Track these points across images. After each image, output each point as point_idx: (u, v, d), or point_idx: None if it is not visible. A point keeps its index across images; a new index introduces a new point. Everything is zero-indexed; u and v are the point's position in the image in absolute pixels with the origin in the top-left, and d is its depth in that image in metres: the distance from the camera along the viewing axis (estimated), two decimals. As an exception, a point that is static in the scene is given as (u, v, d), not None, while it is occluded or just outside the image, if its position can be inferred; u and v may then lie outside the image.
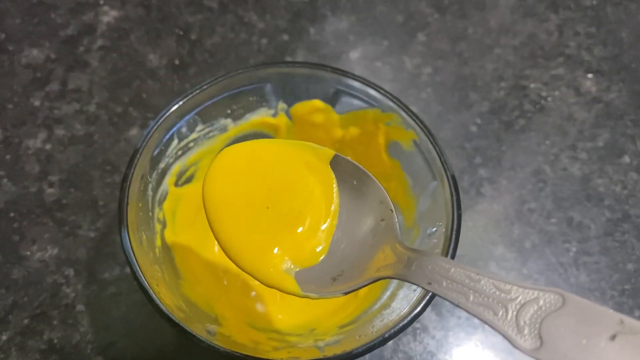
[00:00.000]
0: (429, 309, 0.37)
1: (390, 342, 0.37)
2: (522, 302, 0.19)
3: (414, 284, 0.23)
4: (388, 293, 0.33)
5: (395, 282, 0.33)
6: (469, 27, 0.50)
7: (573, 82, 0.48)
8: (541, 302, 0.18)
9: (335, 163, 0.28)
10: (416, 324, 0.37)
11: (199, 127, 0.35)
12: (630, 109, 0.46)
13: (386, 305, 0.32)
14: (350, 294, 0.34)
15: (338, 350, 0.28)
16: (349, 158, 0.28)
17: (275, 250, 0.27)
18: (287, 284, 0.26)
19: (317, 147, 0.29)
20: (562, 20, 0.51)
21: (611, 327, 0.16)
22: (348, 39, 0.48)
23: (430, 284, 0.22)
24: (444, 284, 0.22)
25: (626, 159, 0.44)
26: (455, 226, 0.30)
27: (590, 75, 0.48)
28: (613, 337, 0.16)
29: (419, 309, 0.28)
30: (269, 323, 0.35)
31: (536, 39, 0.49)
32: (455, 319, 0.38)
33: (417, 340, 0.37)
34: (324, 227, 0.28)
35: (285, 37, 0.48)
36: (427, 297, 0.28)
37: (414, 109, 0.45)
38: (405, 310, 0.29)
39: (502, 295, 0.19)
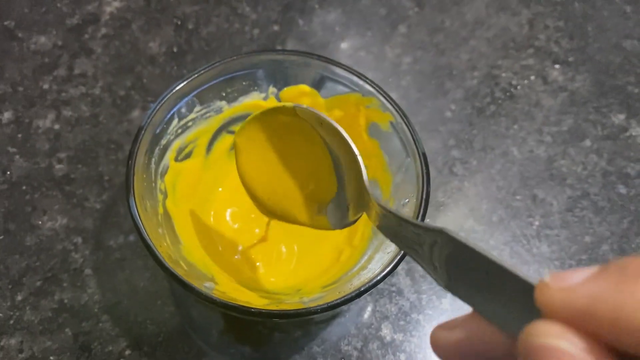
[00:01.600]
0: (403, 274, 0.42)
1: (370, 305, 0.41)
2: (430, 243, 0.20)
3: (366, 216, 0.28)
4: (366, 257, 0.37)
5: (373, 247, 0.38)
6: (447, 20, 0.53)
7: (541, 72, 0.52)
8: (439, 242, 0.20)
9: (302, 112, 0.32)
10: (392, 288, 0.41)
11: (197, 108, 0.38)
12: (593, 97, 0.51)
13: (363, 267, 0.36)
14: (332, 259, 0.38)
15: (320, 302, 0.32)
16: (321, 115, 0.32)
17: (308, 201, 0.34)
18: (322, 223, 0.33)
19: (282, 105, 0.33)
20: (533, 15, 0.55)
21: (483, 268, 0.18)
22: (334, 30, 0.52)
23: (376, 224, 0.27)
24: (383, 225, 0.26)
25: (587, 142, 0.48)
26: (424, 196, 0.34)
27: (557, 66, 0.52)
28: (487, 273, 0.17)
29: (389, 268, 0.32)
30: (260, 284, 0.39)
31: (508, 31, 0.53)
32: (427, 283, 0.42)
33: (393, 302, 0.41)
34: (328, 173, 0.33)
35: (276, 27, 0.52)
36: (397, 258, 0.33)
37: (394, 95, 0.49)
38: (379, 269, 0.33)
39: (418, 238, 0.21)
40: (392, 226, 0.25)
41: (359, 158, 0.30)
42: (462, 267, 0.19)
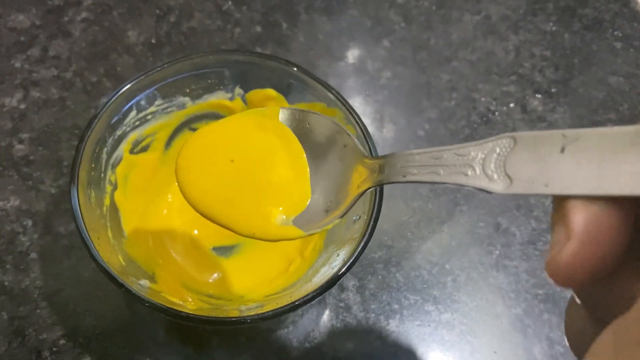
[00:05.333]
0: (354, 290, 0.41)
1: (315, 318, 0.40)
2: (482, 157, 0.21)
3: (392, 182, 0.26)
4: (311, 271, 0.36)
5: (321, 260, 0.37)
6: (432, 38, 0.53)
7: (522, 100, 0.51)
8: (497, 150, 0.20)
9: (284, 116, 0.31)
10: (341, 303, 0.41)
11: (158, 102, 0.38)
12: (570, 131, 0.50)
13: (308, 280, 0.35)
14: (281, 269, 0.38)
15: (252, 312, 0.31)
16: (292, 107, 0.31)
17: (268, 211, 0.30)
18: (290, 232, 0.29)
19: (264, 110, 0.32)
20: (521, 42, 0.54)
21: (558, 143, 0.18)
22: (317, 37, 0.52)
23: (405, 176, 0.25)
24: (415, 171, 0.24)
25: (559, 175, 0.48)
26: (374, 214, 0.34)
27: (538, 96, 0.51)
28: (562, 150, 0.18)
29: (333, 279, 0.32)
30: (202, 287, 0.38)
31: (493, 56, 0.53)
32: (377, 302, 0.41)
33: (339, 318, 0.40)
34: (299, 175, 0.31)
35: (259, 28, 0.51)
36: (339, 274, 0.32)
37: (369, 108, 0.48)
38: (322, 282, 0.32)
39: (464, 158, 0.21)
40: (427, 164, 0.24)
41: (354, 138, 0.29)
42: (526, 160, 0.19)
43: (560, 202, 0.18)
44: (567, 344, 0.21)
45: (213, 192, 0.30)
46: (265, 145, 0.31)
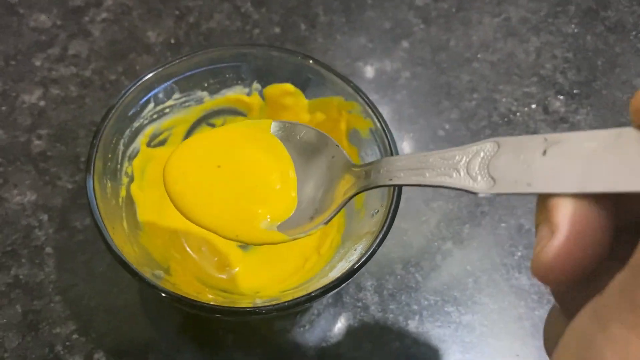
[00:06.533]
0: (372, 290, 0.40)
1: (332, 318, 0.39)
2: (467, 160, 0.21)
3: (378, 186, 0.27)
4: (328, 266, 0.36)
5: (338, 255, 0.36)
6: (452, 40, 0.52)
7: (543, 101, 0.50)
8: (482, 154, 0.21)
9: (276, 128, 0.32)
10: (358, 303, 0.40)
11: (176, 95, 0.38)
12: (594, 132, 0.49)
13: (325, 275, 0.35)
14: (297, 266, 0.37)
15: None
16: (284, 121, 0.31)
17: (253, 216, 0.30)
18: (274, 237, 0.30)
19: (256, 122, 0.33)
20: (542, 43, 0.53)
21: (540, 146, 0.19)
22: (335, 38, 0.51)
23: (391, 179, 0.26)
24: (402, 174, 0.25)
25: (583, 177, 0.46)
26: (392, 208, 0.33)
27: (560, 97, 0.50)
28: (544, 152, 0.19)
29: (349, 272, 0.31)
30: (218, 282, 0.37)
31: (514, 57, 0.52)
32: (396, 303, 0.40)
33: (357, 318, 0.39)
34: (287, 183, 0.31)
35: (277, 29, 0.51)
36: (359, 263, 0.31)
37: (387, 108, 0.48)
38: (338, 275, 0.31)
39: (449, 161, 0.22)
40: (414, 168, 0.25)
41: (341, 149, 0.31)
42: (509, 162, 0.20)
43: (543, 201, 0.19)
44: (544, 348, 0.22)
45: (199, 196, 0.31)
46: (253, 154, 0.32)
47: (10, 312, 0.37)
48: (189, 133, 0.40)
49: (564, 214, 0.17)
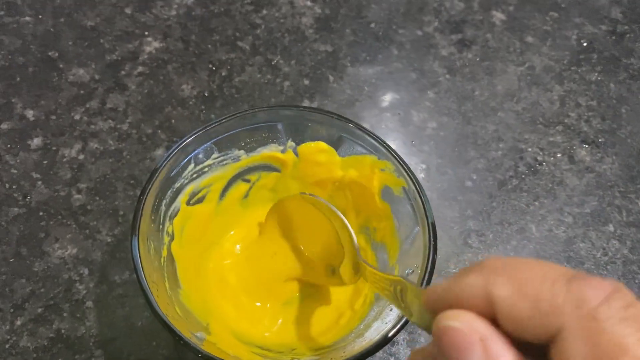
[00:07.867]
0: (404, 344, 0.40)
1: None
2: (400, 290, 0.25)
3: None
4: (364, 324, 0.36)
5: (373, 314, 0.37)
6: (477, 90, 0.53)
7: (569, 150, 0.51)
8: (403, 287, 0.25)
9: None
10: (391, 358, 0.40)
11: (215, 155, 0.39)
12: (620, 181, 0.49)
13: (360, 335, 0.35)
14: (331, 321, 0.38)
15: (308, 367, 0.31)
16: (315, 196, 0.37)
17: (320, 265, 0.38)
18: (335, 281, 0.37)
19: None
20: (566, 92, 0.54)
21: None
22: (363, 89, 0.53)
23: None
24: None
25: (610, 227, 0.47)
26: (429, 267, 0.34)
27: (586, 146, 0.51)
28: None
29: (386, 337, 0.31)
30: (254, 338, 0.38)
31: (538, 106, 0.53)
32: None
33: (390, 372, 0.40)
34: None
35: (307, 81, 0.53)
36: (396, 328, 0.32)
37: (415, 159, 0.49)
38: (375, 338, 0.32)
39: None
40: (376, 281, 0.29)
41: (349, 227, 0.35)
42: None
43: None
44: None
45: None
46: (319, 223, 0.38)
47: (53, 367, 0.38)
48: (225, 189, 0.41)
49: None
